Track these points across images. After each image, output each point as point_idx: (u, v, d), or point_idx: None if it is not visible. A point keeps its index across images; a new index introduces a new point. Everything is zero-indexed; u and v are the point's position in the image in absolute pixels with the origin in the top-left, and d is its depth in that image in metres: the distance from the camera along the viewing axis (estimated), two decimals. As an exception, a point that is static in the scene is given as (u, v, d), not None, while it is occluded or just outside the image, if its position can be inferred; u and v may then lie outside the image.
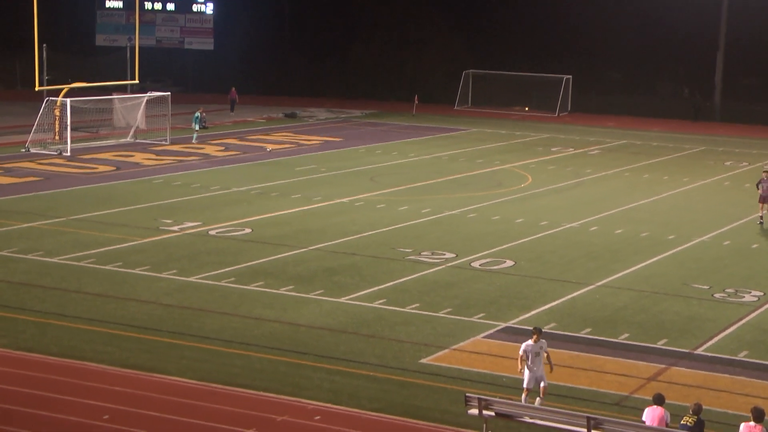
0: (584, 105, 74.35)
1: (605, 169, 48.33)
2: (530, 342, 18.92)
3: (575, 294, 26.88)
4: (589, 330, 23.85)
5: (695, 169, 49.49)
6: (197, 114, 54.87)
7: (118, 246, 30.54)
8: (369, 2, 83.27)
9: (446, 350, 22.27)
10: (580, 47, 79.03)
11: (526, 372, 18.88)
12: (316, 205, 37.79)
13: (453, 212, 37.04)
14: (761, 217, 35.62)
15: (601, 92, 76.55)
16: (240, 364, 21.04)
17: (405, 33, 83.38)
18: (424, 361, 21.55)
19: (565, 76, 74.37)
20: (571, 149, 55.26)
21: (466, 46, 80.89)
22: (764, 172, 36.36)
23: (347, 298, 25.94)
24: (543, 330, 20.00)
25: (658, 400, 16.72)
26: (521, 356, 18.90)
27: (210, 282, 27.02)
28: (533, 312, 25.13)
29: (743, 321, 24.87)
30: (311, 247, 31.06)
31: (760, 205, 35.67)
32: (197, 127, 53.87)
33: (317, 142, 55.53)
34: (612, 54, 79.56)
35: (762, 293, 27.22)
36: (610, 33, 79.18)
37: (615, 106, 74.13)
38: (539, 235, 33.78)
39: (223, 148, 52.13)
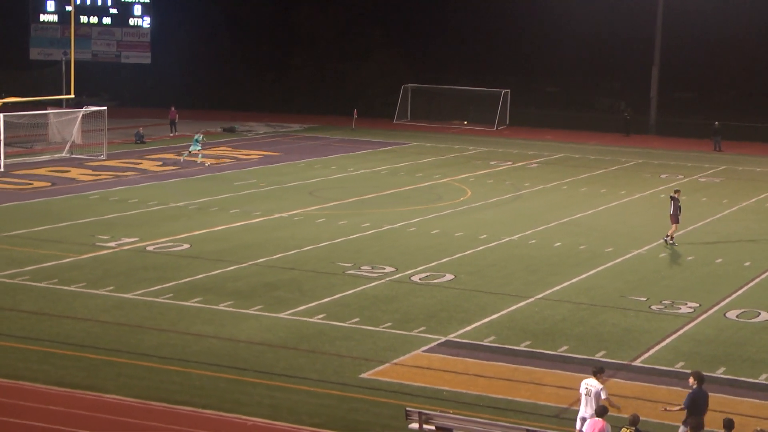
0: (523, 119, 74.89)
1: (544, 183, 48.68)
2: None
3: (515, 307, 26.99)
4: (528, 343, 23.94)
5: (632, 182, 50.01)
6: (197, 136, 53.20)
7: (53, 263, 30.11)
8: (308, 16, 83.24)
9: (386, 364, 22.22)
10: (518, 61, 79.70)
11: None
12: (255, 220, 37.59)
13: (393, 226, 37.06)
14: (671, 237, 35.32)
15: (540, 106, 77.16)
16: (178, 381, 20.81)
17: (344, 47, 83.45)
18: (364, 375, 21.49)
19: (504, 90, 74.87)
20: (509, 163, 55.59)
21: (405, 60, 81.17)
22: (675, 191, 36.45)
23: (287, 313, 25.80)
24: (485, 343, 19.98)
25: (600, 411, 16.81)
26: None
27: (148, 298, 26.73)
28: (473, 325, 25.18)
29: (679, 332, 25.13)
30: (250, 263, 30.88)
31: (674, 224, 35.43)
32: (192, 148, 52.21)
33: (256, 156, 55.30)
34: (550, 68, 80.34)
35: (697, 304, 27.53)
36: (548, 47, 79.99)
37: (553, 120, 74.75)
38: (479, 248, 33.90)
39: (161, 163, 51.70)
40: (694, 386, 17.47)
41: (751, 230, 38.38)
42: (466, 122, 75.16)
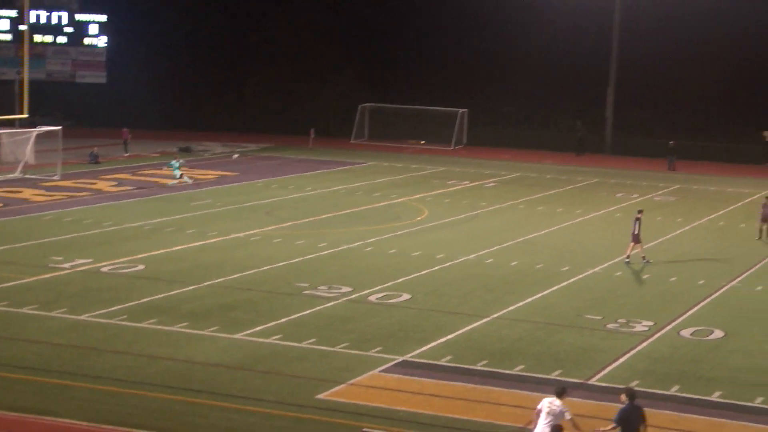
0: (480, 138, 75.24)
1: (500, 202, 48.86)
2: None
3: (471, 326, 27.01)
4: (485, 362, 23.95)
5: (588, 201, 50.34)
6: (174, 161, 52.80)
7: (5, 285, 29.74)
8: (264, 35, 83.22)
9: (343, 385, 22.13)
10: (476, 81, 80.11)
11: None
12: (211, 240, 37.39)
13: (350, 246, 37.01)
14: (629, 256, 35.38)
15: (497, 126, 77.54)
16: (133, 403, 20.59)
17: (301, 66, 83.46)
18: (320, 396, 21.38)
19: (461, 110, 75.21)
20: (466, 182, 55.77)
21: (362, 80, 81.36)
22: (639, 211, 36.71)
23: (243, 334, 25.65)
24: (442, 363, 19.91)
25: (555, 430, 16.82)
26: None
27: (102, 320, 26.47)
28: (430, 345, 25.15)
29: (635, 350, 25.26)
30: (206, 283, 30.69)
31: (632, 244, 35.60)
32: (175, 173, 51.69)
33: (213, 176, 55.08)
34: (507, 88, 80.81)
35: (652, 323, 27.69)
36: (505, 67, 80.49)
37: (510, 139, 75.15)
38: (436, 268, 33.92)
39: (116, 183, 51.35)
40: (626, 403, 17.54)
41: (704, 249, 38.71)
42: (423, 142, 75.37)
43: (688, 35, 76.56)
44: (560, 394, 17.71)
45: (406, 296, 29.90)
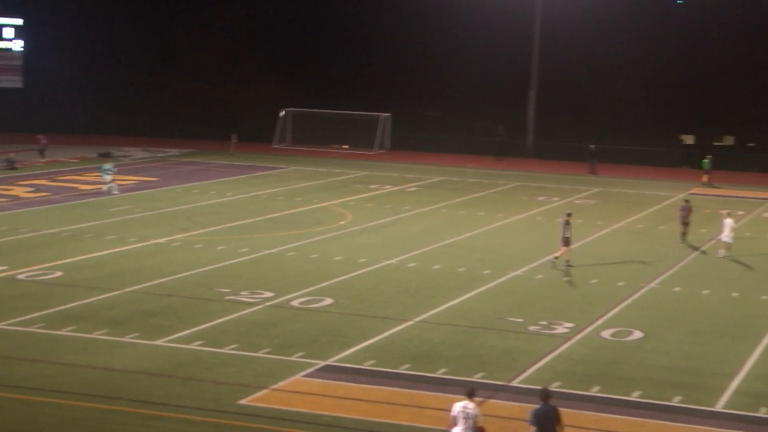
0: (403, 143, 75.39)
1: (423, 206, 49.00)
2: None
3: (394, 330, 27.00)
4: (408, 366, 23.94)
5: (510, 204, 50.68)
6: (106, 165, 51.65)
7: None
8: (185, 40, 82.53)
9: (265, 390, 21.96)
10: (400, 86, 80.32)
11: None
12: (131, 246, 36.92)
13: (272, 251, 36.80)
14: (556, 257, 35.67)
15: (420, 130, 77.78)
16: (50, 412, 20.21)
17: (223, 71, 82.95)
18: (242, 402, 21.18)
19: (384, 114, 75.30)
20: (389, 186, 55.83)
21: (284, 84, 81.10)
22: (567, 214, 37.05)
23: (164, 340, 25.34)
24: (365, 367, 19.86)
25: (478, 433, 16.90)
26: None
27: (18, 328, 25.96)
28: (353, 349, 25.09)
29: (556, 352, 25.45)
30: (126, 290, 30.28)
31: (563, 248, 35.90)
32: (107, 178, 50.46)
33: (133, 181, 54.41)
34: (430, 92, 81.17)
35: (573, 325, 27.94)
36: (428, 71, 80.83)
37: (433, 144, 75.43)
38: (358, 272, 33.86)
39: (33, 189, 50.47)
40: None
41: (624, 251, 39.18)
42: (346, 146, 75.32)
43: (609, 40, 77.64)
44: (471, 395, 17.77)
45: (328, 301, 29.80)
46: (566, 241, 35.58)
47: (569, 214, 36.72)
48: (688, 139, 80.00)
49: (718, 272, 35.66)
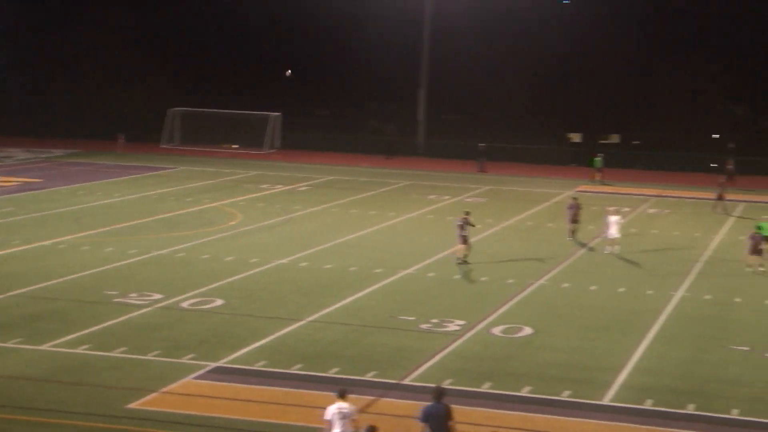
0: (295, 142, 75.15)
1: (314, 205, 48.86)
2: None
3: (286, 330, 26.83)
4: (300, 366, 23.81)
5: (401, 203, 50.85)
6: None
7: None
8: (70, 38, 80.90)
9: (155, 394, 21.60)
10: (291, 85, 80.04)
11: None
12: (14, 249, 36.00)
13: (161, 252, 36.27)
14: (459, 256, 36.18)
15: (310, 129, 77.60)
16: (-70, 421, 19.58)
17: (110, 70, 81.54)
18: (131, 406, 20.79)
19: (274, 114, 74.91)
20: (280, 186, 55.54)
21: (173, 84, 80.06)
22: (466, 213, 37.38)
23: (50, 345, 24.74)
24: (257, 368, 19.67)
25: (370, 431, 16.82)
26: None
27: None
28: (244, 350, 24.85)
29: (447, 350, 25.59)
30: (10, 294, 29.51)
31: (463, 246, 36.38)
32: None
33: (15, 183, 53.09)
34: (321, 92, 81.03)
35: (464, 322, 28.13)
36: (318, 71, 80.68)
37: (324, 143, 75.35)
38: (250, 272, 33.59)
39: None
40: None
41: (514, 248, 39.63)
42: (236, 146, 74.71)
43: (498, 39, 78.55)
44: (343, 395, 17.72)
45: (219, 302, 29.48)
46: (464, 239, 35.89)
47: (467, 213, 37.10)
48: (576, 138, 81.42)
49: (605, 268, 36.30)
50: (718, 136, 77.81)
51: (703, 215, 49.55)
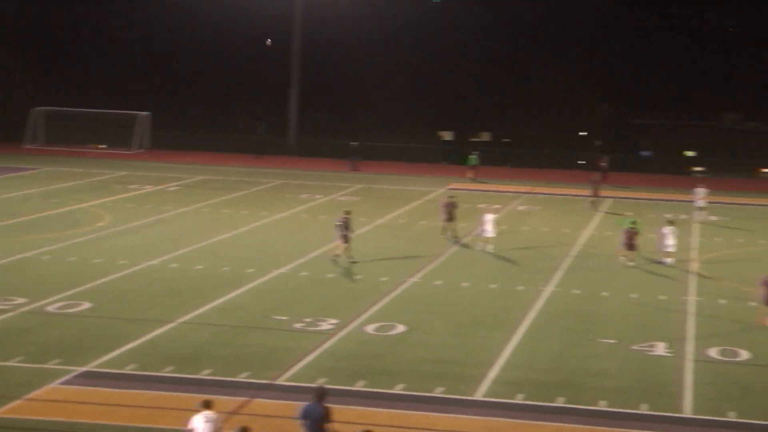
0: (163, 142, 74.02)
1: (185, 206, 48.17)
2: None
3: (157, 332, 26.34)
4: (171, 368, 23.39)
5: (273, 202, 50.51)
6: None
7: None
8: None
9: (19, 401, 20.92)
10: (160, 84, 78.85)
11: None
12: None
13: (26, 255, 35.26)
14: (345, 255, 36.17)
15: (181, 128, 76.58)
16: None
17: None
18: (-6, 414, 20.13)
19: (142, 113, 73.65)
20: (149, 186, 54.62)
21: (36, 83, 78.01)
22: (345, 211, 37.32)
23: None
24: (126, 372, 19.23)
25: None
26: None
27: None
28: (113, 354, 24.29)
29: (321, 349, 25.46)
30: None
31: (344, 245, 36.19)
32: None
33: None
34: (192, 91, 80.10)
35: (338, 321, 28.04)
36: (188, 69, 79.73)
37: (195, 142, 74.43)
38: (118, 274, 32.90)
39: None
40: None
41: (387, 246, 39.72)
42: (103, 146, 73.21)
43: (369, 38, 78.82)
44: (208, 406, 17.57)
45: (87, 305, 28.78)
46: (345, 238, 35.86)
47: (348, 212, 37.09)
48: (447, 136, 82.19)
49: (476, 265, 36.65)
50: (585, 133, 79.52)
51: (571, 212, 50.51)
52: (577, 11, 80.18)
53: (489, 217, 39.51)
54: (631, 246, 37.13)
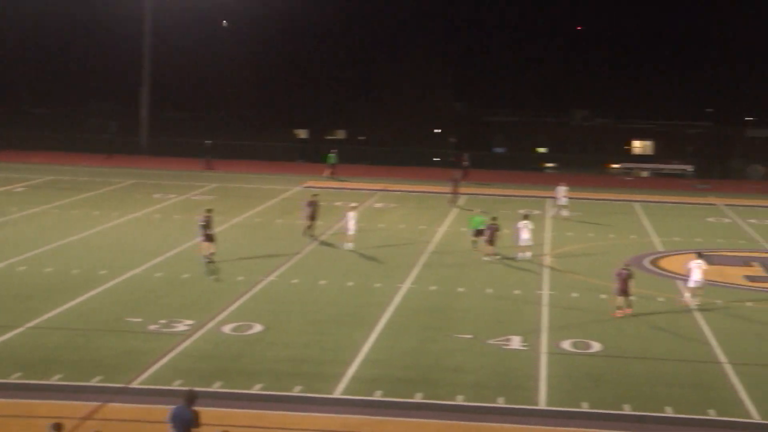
0: (8, 141, 71.77)
1: (32, 207, 46.77)
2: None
3: (4, 338, 25.46)
4: (19, 374, 22.61)
5: (125, 203, 49.48)
6: None
7: None
8: None
9: None
10: (2, 84, 76.62)
11: None
12: None
13: None
14: (211, 254, 35.46)
15: (27, 128, 74.42)
16: None
17: None
18: None
19: (-16, 112, 71.40)
20: (-5, 187, 52.92)
21: None
22: (207, 210, 36.81)
23: None
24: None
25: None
26: None
27: None
28: (-43, 361, 23.37)
29: (177, 350, 25.00)
30: None
31: (207, 244, 35.71)
32: None
33: None
34: (38, 89, 77.99)
35: (194, 321, 27.60)
36: (34, 68, 77.62)
37: (42, 142, 72.48)
38: (-38, 278, 31.71)
39: None
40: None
41: (243, 245, 39.32)
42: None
43: (222, 37, 78.06)
44: (59, 429, 16.97)
45: (-71, 311, 27.62)
46: (208, 237, 35.36)
47: (210, 211, 36.57)
48: (302, 134, 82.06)
49: (334, 263, 36.59)
50: (440, 131, 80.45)
51: (427, 208, 50.95)
52: (428, 10, 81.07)
53: (351, 215, 39.51)
54: (491, 242, 37.67)
